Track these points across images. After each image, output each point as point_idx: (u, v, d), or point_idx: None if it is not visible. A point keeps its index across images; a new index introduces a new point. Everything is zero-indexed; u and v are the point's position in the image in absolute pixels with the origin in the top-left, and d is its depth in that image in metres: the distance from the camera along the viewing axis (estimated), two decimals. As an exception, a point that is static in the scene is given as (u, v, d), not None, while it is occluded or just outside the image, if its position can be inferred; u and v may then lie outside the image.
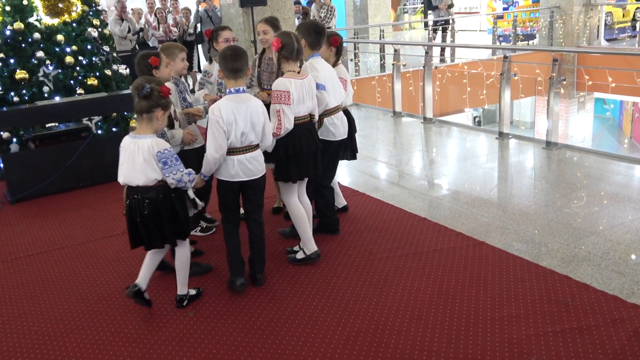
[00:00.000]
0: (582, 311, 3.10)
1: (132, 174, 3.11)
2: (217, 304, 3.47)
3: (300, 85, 3.59)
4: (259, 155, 3.44)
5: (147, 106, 3.07)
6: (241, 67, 3.31)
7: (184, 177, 3.16)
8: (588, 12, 13.53)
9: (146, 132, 3.11)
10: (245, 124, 3.29)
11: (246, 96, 3.34)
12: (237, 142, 3.31)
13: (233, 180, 3.39)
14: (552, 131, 6.24)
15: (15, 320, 3.46)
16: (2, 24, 6.24)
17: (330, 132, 3.99)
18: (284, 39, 3.54)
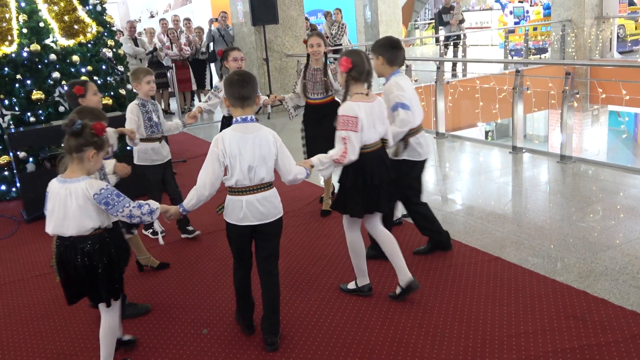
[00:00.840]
0: (600, 327, 3.06)
1: (64, 223, 2.69)
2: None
3: (370, 109, 3.23)
4: (272, 195, 2.99)
5: (77, 145, 2.68)
6: (249, 94, 2.91)
7: (134, 211, 2.75)
8: (600, 25, 13.50)
9: (77, 175, 2.70)
10: (253, 157, 2.87)
11: (255, 126, 2.94)
12: (244, 179, 2.89)
13: (241, 224, 2.96)
14: (566, 145, 6.21)
15: (31, 338, 3.47)
16: (20, 45, 6.35)
17: (417, 152, 3.84)
18: (354, 59, 3.19)
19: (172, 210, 3.02)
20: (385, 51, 3.73)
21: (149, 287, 4.02)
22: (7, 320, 3.73)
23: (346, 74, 3.22)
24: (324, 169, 3.29)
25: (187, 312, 3.61)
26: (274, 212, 3.00)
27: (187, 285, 4.00)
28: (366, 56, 3.27)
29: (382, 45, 3.77)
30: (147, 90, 4.57)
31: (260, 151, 2.89)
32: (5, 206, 6.25)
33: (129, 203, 2.74)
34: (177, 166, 7.21)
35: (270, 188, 2.99)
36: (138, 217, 2.78)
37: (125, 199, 2.74)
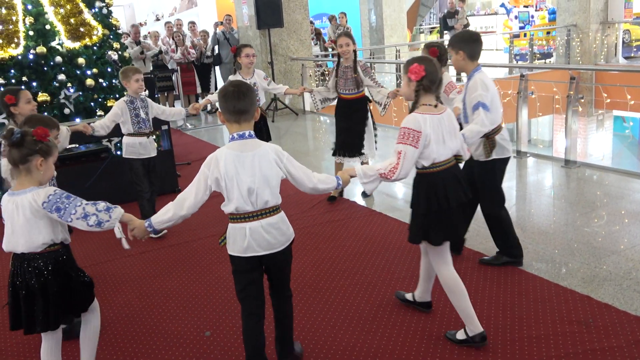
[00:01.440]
0: (604, 332, 3.05)
1: (13, 239, 2.53)
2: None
3: (438, 122, 2.83)
4: (279, 221, 2.63)
5: (21, 155, 2.48)
6: (245, 107, 2.55)
7: (88, 208, 2.52)
8: (605, 30, 13.48)
9: (25, 186, 2.52)
10: (253, 177, 2.52)
11: (253, 142, 2.59)
12: (246, 204, 2.54)
13: (245, 255, 2.61)
14: (570, 149, 6.20)
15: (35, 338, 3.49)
16: (26, 48, 6.38)
17: (505, 149, 3.69)
18: (427, 67, 2.79)
19: (137, 225, 2.66)
20: (466, 45, 3.56)
21: (151, 289, 4.03)
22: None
23: (417, 82, 2.82)
24: (368, 182, 2.90)
25: (190, 315, 3.62)
26: (282, 240, 2.66)
27: (190, 287, 4.01)
28: (438, 65, 2.90)
29: (462, 39, 3.61)
30: (136, 88, 4.87)
31: (261, 170, 2.54)
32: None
33: (80, 202, 2.53)
34: (181, 169, 7.22)
35: (276, 213, 2.63)
36: (94, 214, 2.52)
37: (77, 199, 2.53)
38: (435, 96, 2.88)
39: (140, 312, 3.70)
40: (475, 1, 24.81)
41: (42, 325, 2.60)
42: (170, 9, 22.31)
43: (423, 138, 2.78)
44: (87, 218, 2.52)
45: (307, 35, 11.30)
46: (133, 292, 4.02)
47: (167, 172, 6.31)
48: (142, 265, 4.44)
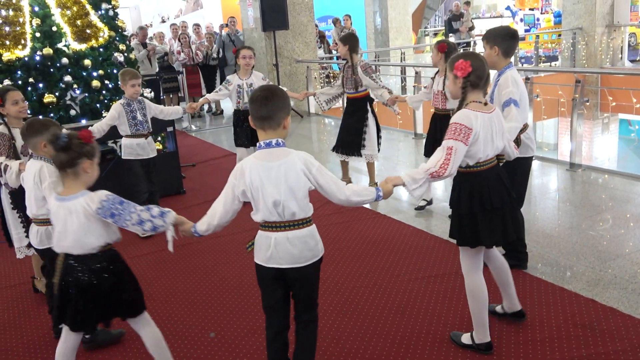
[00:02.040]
0: (608, 336, 3.04)
1: (66, 242, 2.55)
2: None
3: (489, 120, 2.75)
4: (307, 235, 2.49)
5: (69, 159, 2.49)
6: (270, 113, 2.42)
7: (143, 214, 2.53)
8: (611, 33, 13.46)
9: (75, 190, 2.54)
10: (278, 189, 2.40)
11: (280, 151, 2.45)
12: (272, 215, 2.43)
13: (267, 265, 2.50)
14: (575, 152, 6.19)
15: (43, 339, 3.49)
16: (32, 49, 6.41)
17: (529, 147, 3.64)
18: (474, 62, 2.73)
19: (186, 227, 2.64)
20: (503, 41, 3.48)
21: (156, 289, 4.04)
22: (17, 322, 3.75)
23: (463, 79, 2.74)
24: (418, 187, 2.75)
25: (194, 316, 3.63)
26: (308, 255, 2.49)
27: (195, 288, 4.02)
28: (485, 60, 2.83)
29: (499, 34, 3.53)
30: (131, 93, 4.92)
31: (287, 182, 2.41)
32: None
33: (134, 207, 2.54)
34: (186, 170, 7.25)
35: (305, 226, 2.49)
36: (149, 220, 2.53)
37: (130, 204, 2.54)
38: (483, 93, 2.82)
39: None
40: (480, 4, 24.82)
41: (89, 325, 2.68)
42: (175, 10, 22.39)
43: (473, 135, 2.71)
44: (143, 224, 2.54)
45: (312, 37, 11.31)
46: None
47: (172, 174, 6.33)
48: (147, 266, 4.46)
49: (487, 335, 2.95)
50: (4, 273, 4.58)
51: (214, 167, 7.55)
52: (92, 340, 3.32)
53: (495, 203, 2.78)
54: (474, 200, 2.79)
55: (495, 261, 3.10)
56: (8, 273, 4.57)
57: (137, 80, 4.90)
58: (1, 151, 3.69)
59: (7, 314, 3.88)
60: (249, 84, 5.61)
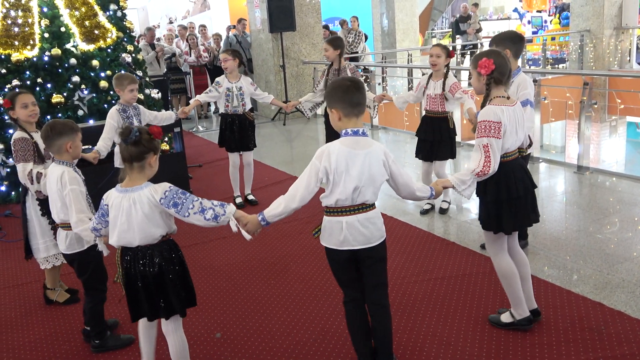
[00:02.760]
0: (616, 339, 3.03)
1: (129, 234, 2.59)
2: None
3: (513, 113, 2.89)
4: (375, 216, 2.64)
5: (139, 152, 2.57)
6: (362, 100, 2.59)
7: (205, 203, 2.58)
8: (619, 35, 13.39)
9: (138, 182, 2.60)
10: (361, 176, 2.52)
11: (366, 141, 2.58)
12: (346, 200, 2.55)
13: (341, 248, 2.61)
14: (583, 155, 6.16)
15: (46, 339, 3.51)
16: (41, 50, 6.46)
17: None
18: (497, 59, 2.85)
19: (250, 219, 2.66)
20: (512, 44, 3.64)
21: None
22: (23, 320, 3.77)
23: (487, 76, 2.86)
24: (467, 187, 2.88)
25: (201, 316, 3.63)
26: (377, 235, 2.65)
27: (202, 288, 4.02)
28: (507, 57, 2.97)
29: (507, 38, 3.69)
30: (129, 98, 4.73)
31: (370, 170, 2.55)
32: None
33: (196, 197, 2.59)
34: (193, 171, 7.26)
35: (372, 208, 2.64)
36: (210, 208, 2.58)
37: (192, 195, 2.60)
38: (504, 89, 2.94)
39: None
40: (487, 6, 24.76)
41: (165, 312, 2.68)
42: (183, 12, 22.45)
43: (502, 128, 2.84)
44: (204, 212, 2.58)
45: (319, 38, 11.31)
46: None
47: (178, 174, 6.34)
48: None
49: (525, 310, 3.10)
50: (12, 272, 4.60)
51: (221, 167, 7.55)
52: (102, 345, 3.33)
53: (520, 191, 2.93)
54: (501, 189, 2.92)
55: (516, 255, 3.18)
56: (16, 272, 4.59)
57: (135, 85, 4.73)
58: (27, 157, 3.62)
59: (13, 312, 3.90)
60: (239, 87, 5.53)
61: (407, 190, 2.72)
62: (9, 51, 6.38)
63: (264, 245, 4.71)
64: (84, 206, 3.05)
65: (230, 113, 5.60)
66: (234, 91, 5.55)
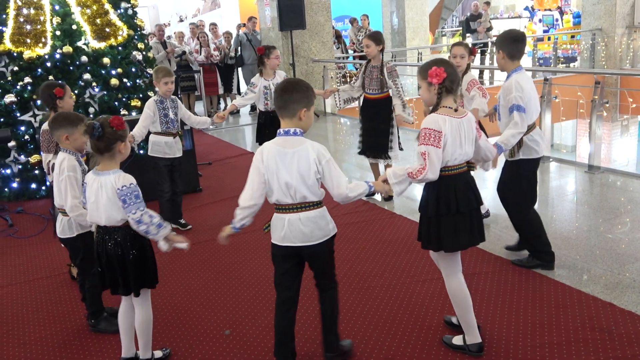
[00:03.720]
0: (626, 340, 3.01)
1: (96, 214, 2.82)
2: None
3: (458, 125, 2.79)
4: (318, 216, 2.71)
5: (105, 145, 2.76)
6: (284, 104, 2.68)
7: (144, 217, 2.75)
8: (631, 34, 13.29)
9: (109, 167, 2.80)
10: (290, 174, 2.63)
11: (296, 140, 2.69)
12: (285, 197, 2.67)
13: (282, 244, 2.74)
14: (594, 155, 6.12)
15: (57, 334, 3.54)
16: (53, 47, 6.50)
17: (533, 150, 3.73)
18: (447, 69, 2.79)
19: (225, 231, 2.85)
20: (506, 45, 3.64)
21: (171, 286, 4.07)
22: (34, 316, 3.80)
23: (439, 85, 2.78)
24: (397, 182, 2.85)
25: (210, 313, 3.65)
26: (319, 234, 2.72)
27: (211, 286, 4.04)
28: (454, 66, 2.90)
29: (503, 39, 3.69)
30: (164, 91, 4.87)
31: (299, 169, 2.64)
32: (35, 204, 6.38)
33: (143, 207, 2.76)
34: (203, 168, 7.29)
35: (315, 208, 2.71)
36: (146, 224, 2.76)
37: (142, 203, 2.76)
38: (454, 98, 2.86)
39: (161, 309, 3.73)
40: (498, 4, 24.64)
41: (123, 289, 2.92)
42: (193, 10, 22.50)
43: (443, 138, 2.76)
44: (140, 224, 2.77)
45: (329, 37, 11.31)
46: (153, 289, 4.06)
47: (188, 172, 6.36)
48: (163, 263, 4.48)
49: (477, 336, 2.97)
50: (24, 267, 4.64)
51: (230, 165, 7.58)
52: (95, 326, 3.49)
53: (461, 207, 2.83)
54: (441, 204, 2.83)
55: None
56: (28, 268, 4.63)
57: (170, 78, 4.85)
58: (50, 148, 3.96)
59: (25, 308, 3.93)
60: (276, 84, 5.37)
61: (337, 192, 2.70)
62: (21, 49, 6.43)
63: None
64: (77, 192, 3.14)
65: (270, 111, 5.58)
66: (271, 88, 5.55)
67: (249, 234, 4.91)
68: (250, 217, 2.77)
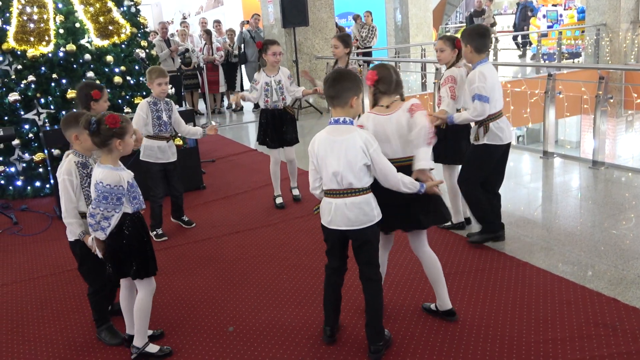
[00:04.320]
0: (630, 335, 3.00)
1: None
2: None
3: (384, 122, 3.03)
4: (363, 202, 2.84)
5: (101, 141, 2.87)
6: (337, 93, 2.84)
7: (91, 220, 2.88)
8: (636, 29, 13.23)
9: (106, 162, 2.91)
10: (339, 161, 2.79)
11: (346, 128, 2.83)
12: (332, 183, 2.84)
13: (329, 227, 2.92)
14: (598, 150, 6.10)
15: (61, 331, 3.55)
16: (56, 45, 6.51)
17: (497, 136, 3.99)
18: (380, 72, 3.06)
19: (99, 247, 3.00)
20: (473, 39, 3.91)
21: (175, 284, 4.08)
22: (39, 313, 3.82)
23: (373, 87, 3.08)
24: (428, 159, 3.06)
25: (213, 310, 3.65)
26: (363, 220, 2.85)
27: (215, 283, 4.04)
28: (394, 68, 3.13)
29: (470, 34, 3.95)
30: (158, 92, 4.72)
31: (346, 157, 2.78)
32: (39, 202, 6.40)
33: (102, 209, 2.84)
34: (206, 166, 7.29)
35: (361, 194, 2.84)
36: (92, 218, 2.88)
37: (102, 205, 2.84)
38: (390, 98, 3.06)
39: (164, 306, 3.74)
40: (502, 0, 24.55)
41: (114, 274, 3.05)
42: (196, 7, 22.51)
43: None
44: (90, 217, 2.91)
45: (332, 34, 11.27)
46: (156, 286, 4.06)
47: (192, 169, 6.37)
48: (166, 260, 4.50)
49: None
50: (28, 265, 4.65)
51: (234, 163, 7.58)
52: (98, 334, 3.42)
53: (382, 199, 2.94)
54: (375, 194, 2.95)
55: (423, 255, 3.24)
56: (32, 265, 4.65)
57: (164, 79, 4.68)
58: None
59: (29, 305, 3.94)
60: (277, 81, 5.29)
61: (386, 180, 2.86)
62: (24, 47, 6.44)
63: (276, 240, 4.72)
64: (72, 196, 3.12)
65: (270, 108, 5.40)
66: (273, 85, 5.32)
67: (253, 231, 4.92)
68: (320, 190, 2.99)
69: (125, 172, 2.96)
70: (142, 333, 3.13)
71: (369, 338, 3.00)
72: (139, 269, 3.02)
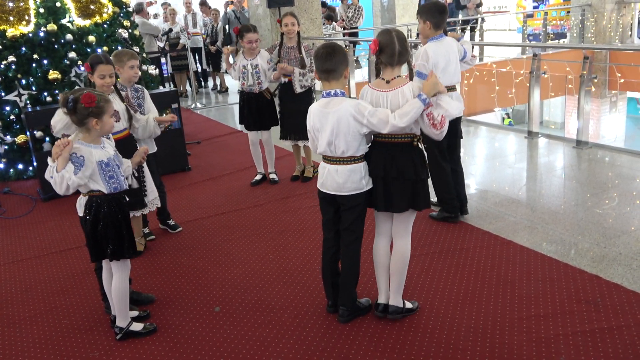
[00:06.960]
0: (612, 311, 3.05)
1: None
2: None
3: (383, 98, 2.90)
4: (352, 170, 2.92)
5: (78, 119, 2.87)
6: (333, 67, 2.85)
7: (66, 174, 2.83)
8: (621, 10, 13.26)
9: (86, 140, 2.91)
10: (332, 131, 2.86)
11: (338, 100, 2.88)
12: (326, 151, 2.95)
13: (321, 189, 3.05)
14: (582, 130, 6.14)
15: (46, 313, 3.54)
16: (36, 25, 6.39)
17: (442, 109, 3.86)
18: (382, 39, 2.88)
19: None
20: (432, 16, 3.92)
21: (161, 264, 4.07)
22: (23, 295, 3.79)
23: (376, 57, 2.93)
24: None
25: (200, 290, 3.65)
26: (350, 187, 2.94)
27: (201, 263, 4.04)
28: (400, 35, 2.89)
29: (429, 10, 3.93)
30: (130, 76, 4.11)
31: (338, 127, 2.86)
32: (22, 185, 6.33)
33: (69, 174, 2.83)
34: (191, 148, 7.25)
35: (352, 163, 2.92)
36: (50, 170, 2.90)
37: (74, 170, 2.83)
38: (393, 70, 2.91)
39: (150, 286, 3.74)
40: (488, -20, 24.45)
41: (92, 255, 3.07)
42: (180, -13, 22.15)
43: None
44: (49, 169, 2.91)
45: (318, 14, 11.20)
46: (143, 267, 4.06)
47: (177, 151, 6.33)
48: (152, 241, 4.48)
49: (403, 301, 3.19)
50: (12, 248, 4.62)
51: (219, 144, 7.54)
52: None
53: (374, 171, 2.96)
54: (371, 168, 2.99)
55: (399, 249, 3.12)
56: (16, 248, 4.61)
57: (136, 61, 4.12)
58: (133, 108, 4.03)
59: (14, 288, 3.92)
60: (254, 65, 5.29)
61: (389, 129, 2.80)
62: (4, 27, 6.32)
63: (262, 220, 4.72)
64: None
65: (247, 91, 5.39)
66: (249, 69, 5.30)
67: (238, 212, 4.91)
68: None
69: (99, 151, 2.92)
70: (124, 313, 3.15)
71: (339, 299, 3.16)
72: (115, 251, 3.00)
